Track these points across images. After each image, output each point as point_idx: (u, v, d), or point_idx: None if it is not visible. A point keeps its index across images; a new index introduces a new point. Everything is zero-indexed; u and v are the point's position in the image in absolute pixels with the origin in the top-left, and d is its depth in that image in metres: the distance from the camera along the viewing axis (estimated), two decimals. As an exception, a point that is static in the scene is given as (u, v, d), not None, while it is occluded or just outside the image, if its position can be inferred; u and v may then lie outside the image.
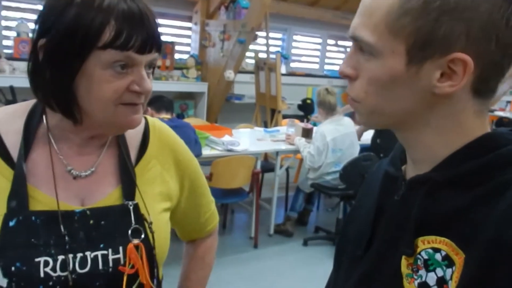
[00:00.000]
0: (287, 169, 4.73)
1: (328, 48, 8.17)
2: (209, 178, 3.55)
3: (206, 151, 3.64)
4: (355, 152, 4.16)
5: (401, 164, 0.76)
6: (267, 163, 4.86)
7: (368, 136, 4.92)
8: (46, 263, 0.80)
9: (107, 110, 0.81)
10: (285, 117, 5.96)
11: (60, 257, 0.81)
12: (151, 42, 0.80)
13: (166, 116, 3.37)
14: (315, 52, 8.06)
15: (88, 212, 0.86)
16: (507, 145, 0.62)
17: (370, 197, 0.80)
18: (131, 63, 0.79)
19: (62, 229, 0.82)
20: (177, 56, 6.16)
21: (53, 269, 0.80)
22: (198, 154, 3.43)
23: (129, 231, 0.87)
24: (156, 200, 0.95)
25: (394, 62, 0.63)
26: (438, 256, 0.64)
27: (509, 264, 0.55)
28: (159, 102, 3.45)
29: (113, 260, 0.85)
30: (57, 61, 0.78)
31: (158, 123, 1.03)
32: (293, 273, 3.67)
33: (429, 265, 0.65)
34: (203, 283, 1.16)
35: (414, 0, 0.60)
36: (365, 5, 0.65)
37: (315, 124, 4.36)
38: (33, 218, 0.82)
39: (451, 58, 0.60)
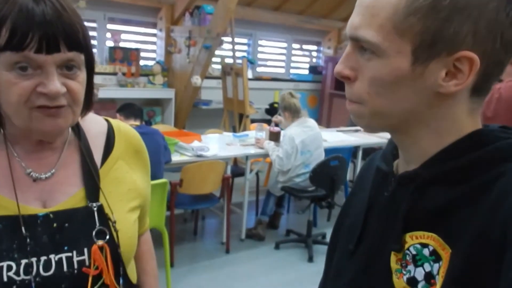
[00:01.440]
0: (257, 173, 4.75)
1: (293, 52, 8.25)
2: (179, 184, 3.52)
3: (175, 157, 3.61)
4: (322, 153, 4.21)
5: (393, 159, 0.76)
6: (237, 167, 4.86)
7: (335, 138, 5.00)
8: (9, 268, 0.80)
9: (21, 115, 0.79)
10: (253, 121, 5.98)
11: (24, 261, 0.81)
12: (55, 40, 0.76)
13: (135, 123, 3.34)
14: (280, 57, 8.13)
15: (51, 215, 0.85)
16: (495, 143, 0.63)
17: (363, 191, 0.81)
18: (34, 64, 0.76)
19: (24, 233, 0.82)
20: (142, 62, 6.11)
21: (17, 273, 0.80)
22: (168, 161, 3.41)
23: (93, 233, 0.87)
24: (123, 200, 0.95)
25: (399, 62, 0.62)
26: (426, 251, 0.65)
27: (494, 259, 0.56)
28: (129, 109, 3.42)
29: (78, 262, 0.85)
30: None
31: (123, 125, 1.03)
32: (266, 277, 3.68)
33: (417, 260, 0.66)
34: (156, 273, 1.16)
35: None
36: (366, 5, 0.64)
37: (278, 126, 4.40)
38: None
39: (458, 56, 0.60)
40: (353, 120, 0.71)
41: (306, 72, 8.41)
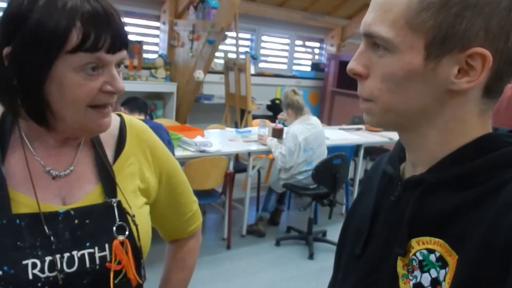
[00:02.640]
0: (258, 170, 4.74)
1: (296, 48, 8.23)
2: (182, 179, 3.51)
3: (178, 152, 3.60)
4: (324, 151, 4.22)
5: (400, 163, 0.76)
6: (239, 163, 4.85)
7: (337, 136, 4.99)
8: (34, 265, 0.80)
9: (79, 114, 0.81)
10: (254, 117, 5.98)
11: (48, 258, 0.81)
12: (120, 41, 0.80)
13: (139, 117, 3.33)
14: (283, 53, 8.11)
15: (72, 212, 0.86)
16: (503, 148, 0.63)
17: (370, 193, 0.81)
18: (102, 64, 0.79)
19: (47, 230, 0.82)
20: (145, 55, 6.08)
21: (41, 270, 0.80)
22: (171, 156, 3.39)
23: (114, 228, 0.88)
24: (136, 195, 0.96)
25: (412, 57, 0.62)
26: (432, 257, 0.65)
27: (498, 268, 0.56)
28: (133, 103, 3.41)
29: (100, 257, 0.86)
30: (25, 69, 0.77)
31: (135, 120, 1.03)
32: (266, 273, 3.69)
33: (423, 266, 0.65)
34: (183, 285, 1.16)
35: None
36: (380, 1, 0.64)
37: (284, 124, 4.38)
38: (17, 221, 0.81)
39: (470, 53, 0.60)
40: (364, 119, 0.71)
41: (308, 69, 8.39)
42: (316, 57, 8.69)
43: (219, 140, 4.17)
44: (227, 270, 3.65)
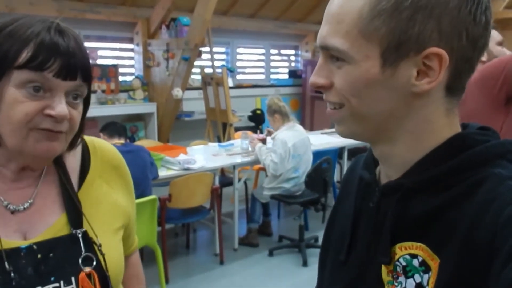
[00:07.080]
0: (245, 181, 4.73)
1: (272, 57, 8.28)
2: (169, 199, 3.50)
3: (162, 172, 3.59)
4: (310, 157, 4.24)
5: (375, 166, 0.76)
6: (225, 177, 4.84)
7: (320, 141, 5.02)
8: None
9: (19, 134, 0.79)
10: (237, 129, 5.98)
11: None
12: (74, 69, 0.80)
13: (119, 141, 3.30)
14: (259, 63, 8.15)
15: (34, 246, 0.84)
16: (475, 146, 0.63)
17: (348, 197, 0.80)
18: (48, 86, 0.78)
19: (7, 267, 0.80)
20: (121, 78, 6.06)
21: None
22: (155, 177, 3.38)
23: (80, 260, 0.86)
24: (105, 221, 0.94)
25: (369, 66, 0.62)
26: (415, 262, 0.64)
27: (481, 266, 0.56)
28: (112, 128, 3.39)
29: None
30: None
31: (98, 141, 1.01)
32: (261, 284, 3.66)
33: (407, 272, 0.65)
34: None
35: (385, 1, 0.60)
36: (332, 13, 0.64)
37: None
38: None
39: (426, 53, 0.60)
40: (337, 131, 0.71)
41: (286, 76, 8.44)
42: (293, 64, 8.74)
43: (202, 156, 4.15)
44: (222, 286, 3.62)
